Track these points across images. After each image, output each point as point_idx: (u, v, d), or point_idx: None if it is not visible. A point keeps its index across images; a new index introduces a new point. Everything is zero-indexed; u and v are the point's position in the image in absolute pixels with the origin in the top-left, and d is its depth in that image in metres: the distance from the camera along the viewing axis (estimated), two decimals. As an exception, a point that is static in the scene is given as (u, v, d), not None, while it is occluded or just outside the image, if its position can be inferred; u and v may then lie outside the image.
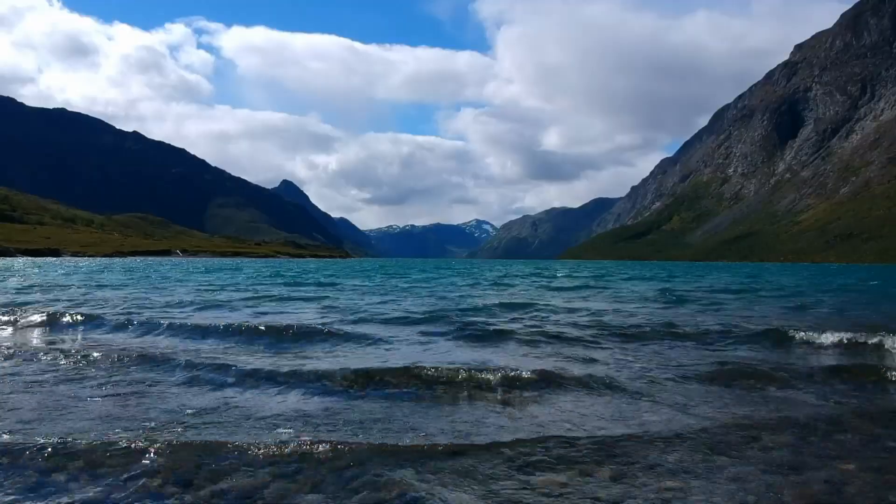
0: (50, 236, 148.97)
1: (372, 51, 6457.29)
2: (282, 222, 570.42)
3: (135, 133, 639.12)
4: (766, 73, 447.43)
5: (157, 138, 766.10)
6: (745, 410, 5.28)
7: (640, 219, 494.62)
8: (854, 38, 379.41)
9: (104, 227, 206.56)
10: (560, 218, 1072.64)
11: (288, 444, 4.06)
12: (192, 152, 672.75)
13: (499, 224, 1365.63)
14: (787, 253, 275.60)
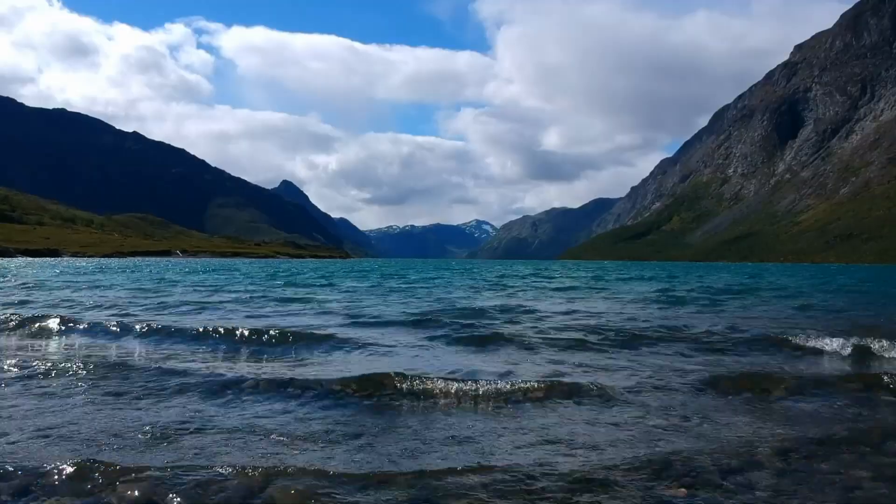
0: (49, 236, 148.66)
1: (372, 51, 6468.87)
2: (282, 222, 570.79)
3: (135, 133, 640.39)
4: (766, 74, 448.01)
5: (156, 138, 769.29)
6: (746, 419, 5.00)
7: (640, 219, 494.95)
8: (854, 39, 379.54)
9: (104, 228, 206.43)
10: (560, 218, 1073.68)
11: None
12: (192, 152, 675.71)
13: (499, 224, 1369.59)
14: (787, 253, 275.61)
